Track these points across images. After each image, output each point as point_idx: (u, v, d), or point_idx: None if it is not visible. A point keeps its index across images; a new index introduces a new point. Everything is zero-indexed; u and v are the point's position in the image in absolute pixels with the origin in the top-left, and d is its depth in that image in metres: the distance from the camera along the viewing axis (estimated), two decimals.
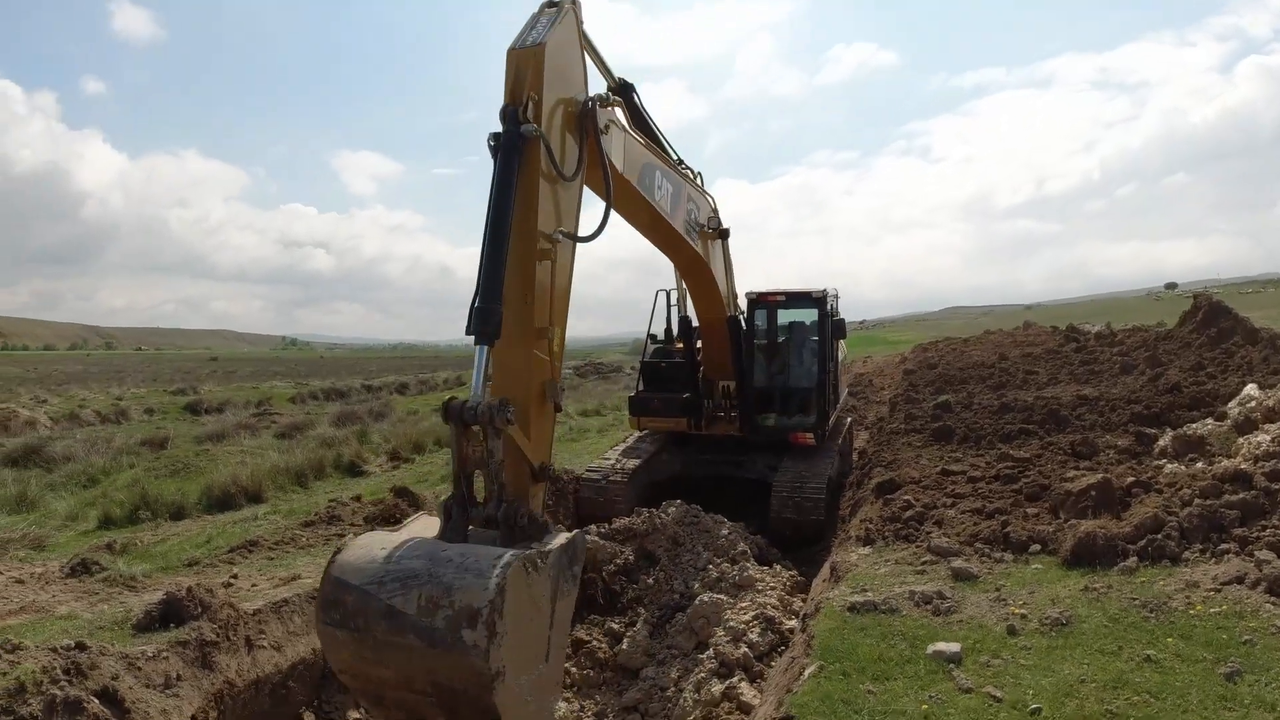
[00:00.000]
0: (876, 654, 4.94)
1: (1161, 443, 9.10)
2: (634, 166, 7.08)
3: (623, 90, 7.62)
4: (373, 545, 4.39)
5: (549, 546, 4.50)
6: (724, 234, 10.60)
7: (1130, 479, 7.63)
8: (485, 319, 4.70)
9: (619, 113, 6.50)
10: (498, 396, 4.74)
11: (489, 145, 5.01)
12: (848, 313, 12.74)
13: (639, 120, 8.18)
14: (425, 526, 4.83)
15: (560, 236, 5.35)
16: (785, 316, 13.03)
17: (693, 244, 9.52)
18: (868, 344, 60.72)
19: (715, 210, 10.26)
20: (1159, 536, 6.28)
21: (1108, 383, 14.89)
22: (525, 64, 5.09)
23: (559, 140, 5.37)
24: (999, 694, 4.35)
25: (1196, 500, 6.66)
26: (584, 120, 5.71)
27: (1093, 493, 7.22)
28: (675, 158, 9.11)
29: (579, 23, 5.71)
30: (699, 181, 9.99)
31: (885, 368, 33.83)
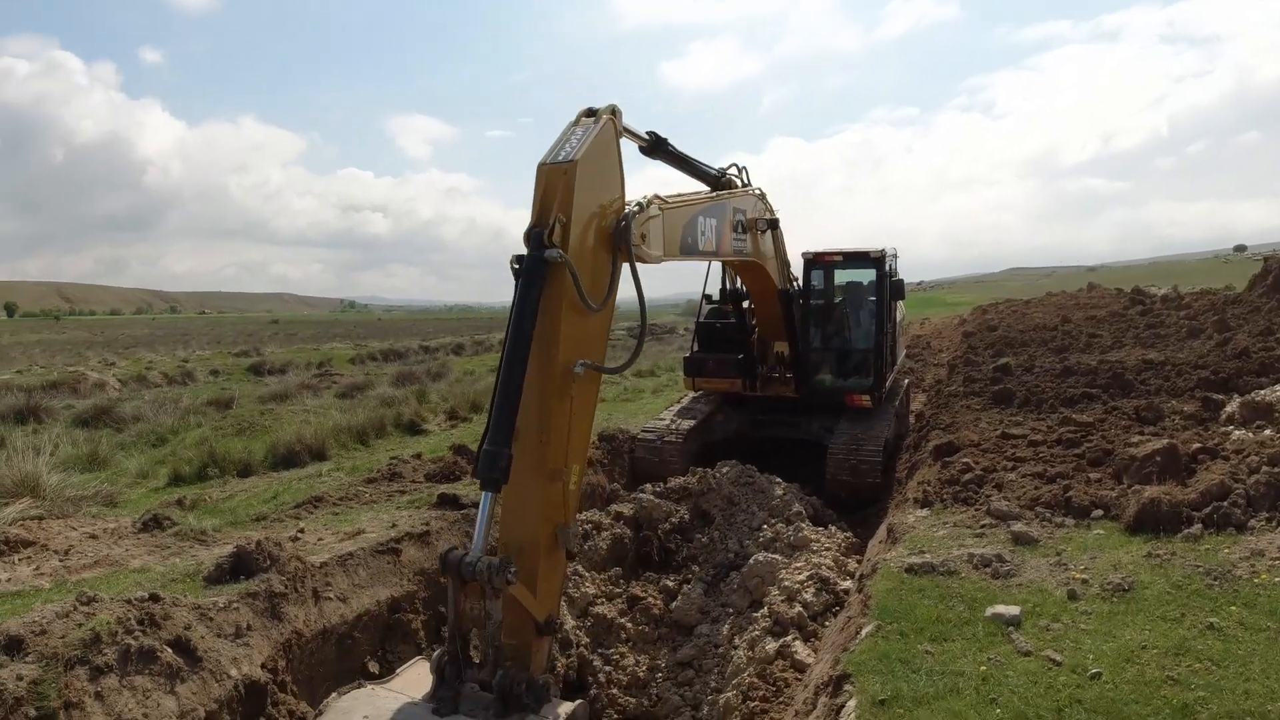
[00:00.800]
0: (934, 615, 4.92)
1: (1229, 409, 8.83)
2: (674, 241, 6.56)
3: (656, 147, 7.41)
4: (355, 711, 4.15)
5: None
6: (773, 224, 10.39)
7: (1196, 445, 7.45)
8: (492, 463, 4.28)
9: (654, 200, 6.02)
10: (503, 550, 4.53)
11: (512, 269, 4.60)
12: (906, 273, 12.56)
13: (677, 162, 8.06)
14: (418, 676, 4.58)
15: (583, 369, 4.84)
16: (842, 276, 12.87)
17: (741, 257, 9.36)
18: (925, 306, 59.81)
19: (763, 198, 9.99)
20: (1224, 504, 6.11)
21: (1174, 347, 14.52)
22: (555, 182, 4.67)
23: (589, 260, 4.90)
24: (1058, 657, 4.32)
25: (1264, 468, 6.44)
26: (619, 239, 5.17)
27: (1158, 458, 7.05)
28: (715, 172, 8.91)
29: (618, 134, 5.27)
30: (743, 178, 9.74)
31: (943, 330, 33.32)
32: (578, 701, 4.67)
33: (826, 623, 7.08)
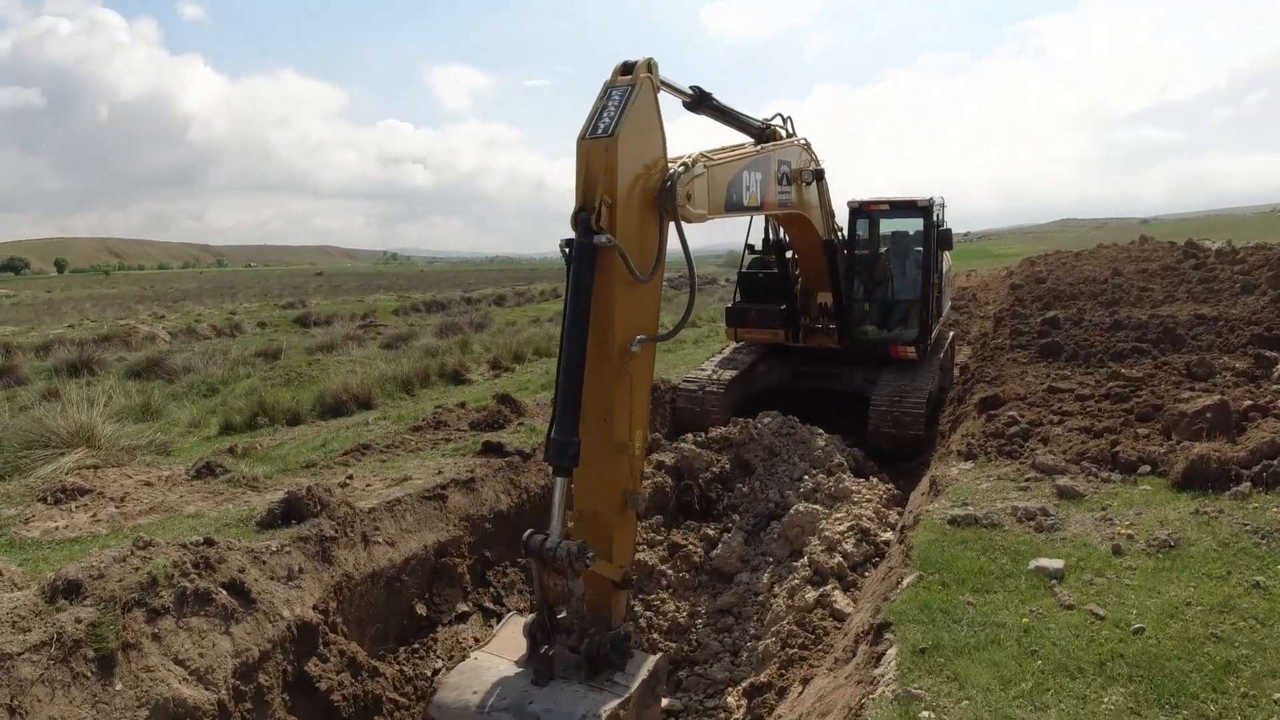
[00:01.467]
0: (977, 567, 4.90)
1: None
2: (719, 198, 6.51)
3: (700, 102, 7.29)
4: (465, 686, 4.72)
5: (632, 687, 4.69)
6: (819, 175, 10.21)
7: (1248, 402, 7.30)
8: (563, 452, 4.56)
9: (699, 158, 5.94)
10: (577, 518, 4.96)
11: (561, 251, 4.73)
12: (952, 224, 12.33)
13: (722, 116, 7.91)
14: (513, 635, 5.08)
15: (639, 346, 5.02)
16: (888, 226, 12.68)
17: (786, 209, 9.21)
18: (972, 257, 58.77)
19: (808, 149, 9.82)
20: (1275, 463, 5.95)
21: (1227, 302, 14.15)
22: (597, 160, 4.66)
23: (635, 226, 4.94)
24: (1101, 612, 4.29)
25: None
26: (664, 201, 5.17)
27: (1208, 415, 6.90)
28: (759, 123, 8.76)
29: (656, 90, 5.13)
30: (787, 128, 9.63)
31: (990, 282, 32.76)
32: (658, 655, 5.34)
33: (866, 573, 7.12)
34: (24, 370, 17.35)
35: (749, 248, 12.58)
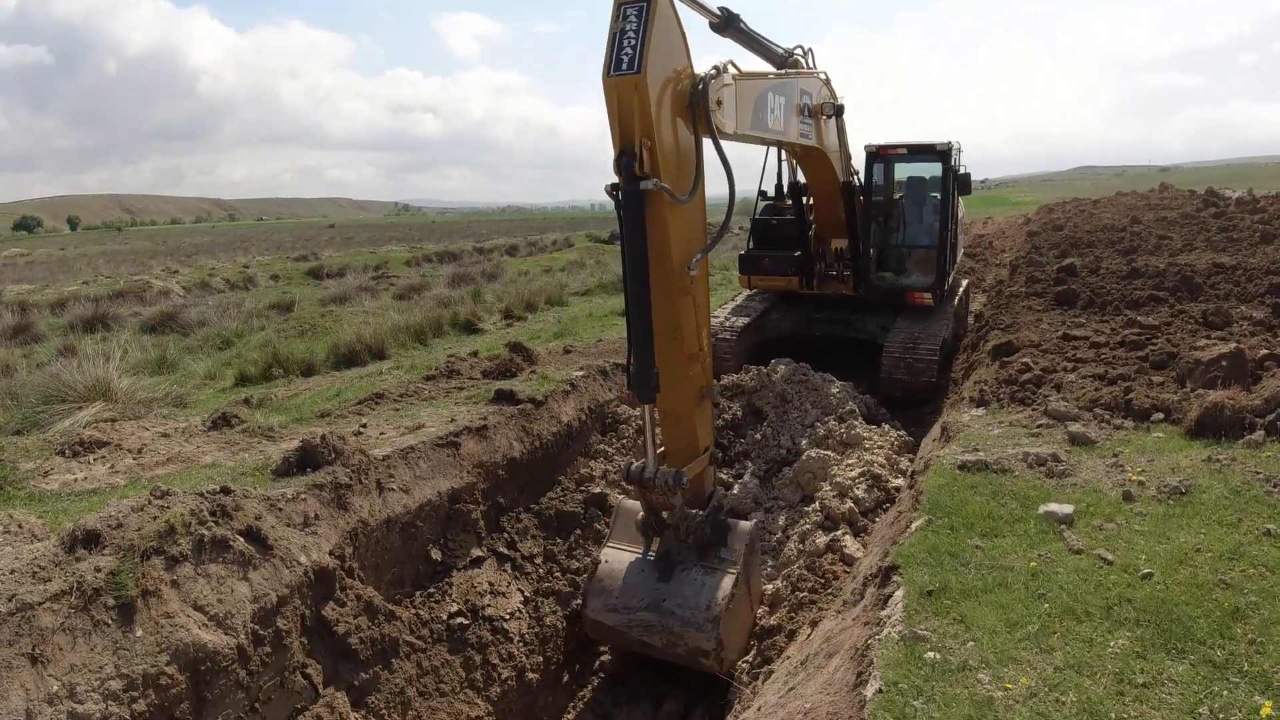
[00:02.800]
0: (986, 511, 4.91)
1: None
2: (745, 115, 6.59)
3: (727, 24, 7.17)
4: (608, 592, 6.26)
5: (738, 561, 6.08)
6: (839, 110, 10.06)
7: (1264, 351, 7.23)
8: (643, 382, 5.26)
9: (728, 67, 5.96)
10: (662, 415, 5.90)
11: (608, 194, 5.03)
12: (970, 170, 12.12)
13: (747, 41, 7.76)
14: (627, 525, 6.51)
15: (695, 266, 5.52)
16: (904, 170, 12.49)
17: (806, 141, 9.11)
18: (989, 204, 58.08)
19: (828, 84, 9.70)
20: None
21: (1246, 251, 13.93)
22: (628, 100, 4.72)
23: (670, 138, 5.09)
24: (1110, 557, 4.29)
25: None
26: (695, 103, 5.32)
27: (1223, 363, 6.85)
28: (782, 52, 8.61)
29: (672, 2, 5.11)
30: (809, 60, 9.46)
31: (1007, 229, 32.41)
32: (751, 522, 6.55)
33: (877, 519, 7.16)
34: (40, 327, 17.51)
35: (762, 194, 12.41)
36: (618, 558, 6.40)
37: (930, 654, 3.52)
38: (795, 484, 7.94)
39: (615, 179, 5.01)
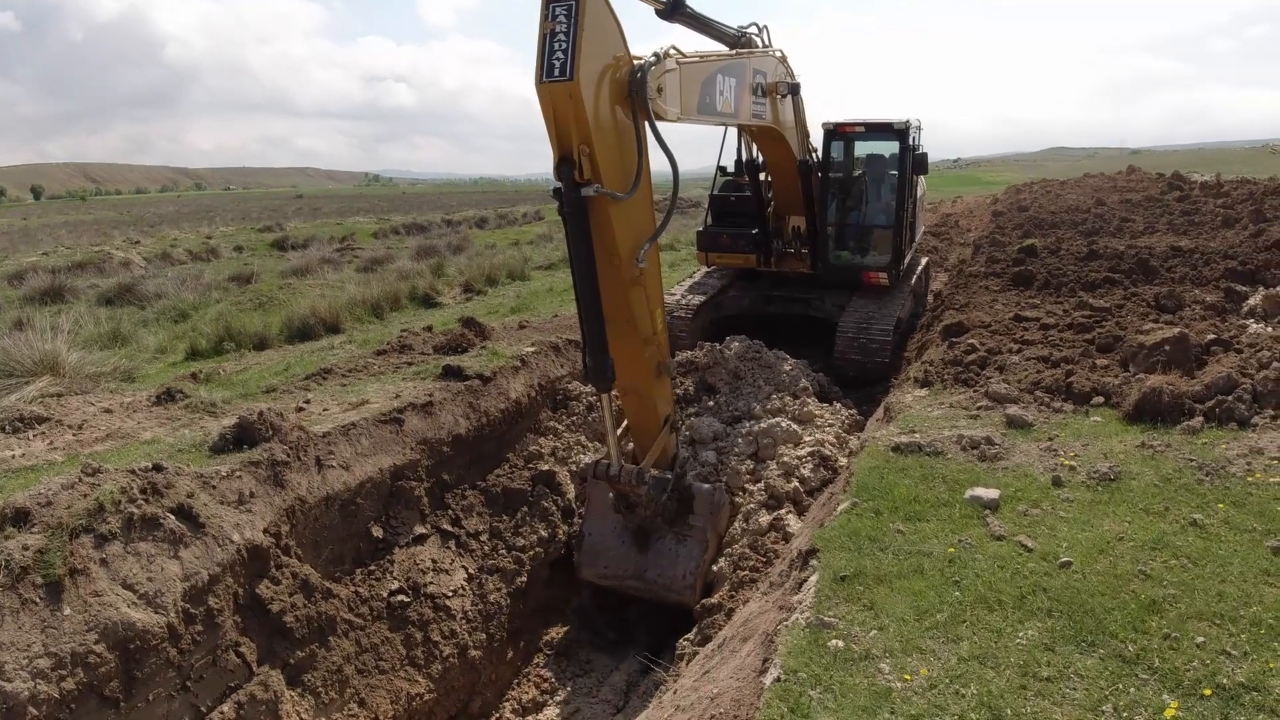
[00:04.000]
0: (913, 495, 4.90)
1: (1251, 301, 8.58)
2: (691, 99, 6.46)
3: (674, 9, 7.09)
4: (595, 565, 7.25)
5: (706, 529, 6.90)
6: (794, 89, 10.00)
7: (1210, 336, 7.25)
8: (599, 375, 5.51)
9: (671, 52, 5.83)
10: (621, 391, 6.31)
11: (554, 194, 5.07)
12: (944, 149, 12.20)
13: (696, 24, 7.68)
14: (601, 495, 7.22)
15: (643, 257, 5.60)
16: (863, 148, 12.44)
17: (759, 121, 9.05)
18: (960, 184, 58.29)
19: (784, 62, 9.61)
20: (1229, 398, 5.90)
21: (1206, 235, 14.09)
22: (563, 108, 4.64)
23: (611, 128, 5.08)
24: (1030, 544, 4.27)
25: (1275, 364, 6.22)
26: (634, 91, 5.24)
27: (1167, 347, 6.86)
28: (734, 31, 8.50)
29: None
30: (764, 38, 9.35)
31: (975, 209, 32.56)
32: (715, 487, 7.12)
33: (820, 498, 7.20)
34: None
35: (721, 169, 12.33)
36: (598, 529, 7.28)
37: (835, 641, 3.50)
38: (751, 438, 8.04)
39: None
